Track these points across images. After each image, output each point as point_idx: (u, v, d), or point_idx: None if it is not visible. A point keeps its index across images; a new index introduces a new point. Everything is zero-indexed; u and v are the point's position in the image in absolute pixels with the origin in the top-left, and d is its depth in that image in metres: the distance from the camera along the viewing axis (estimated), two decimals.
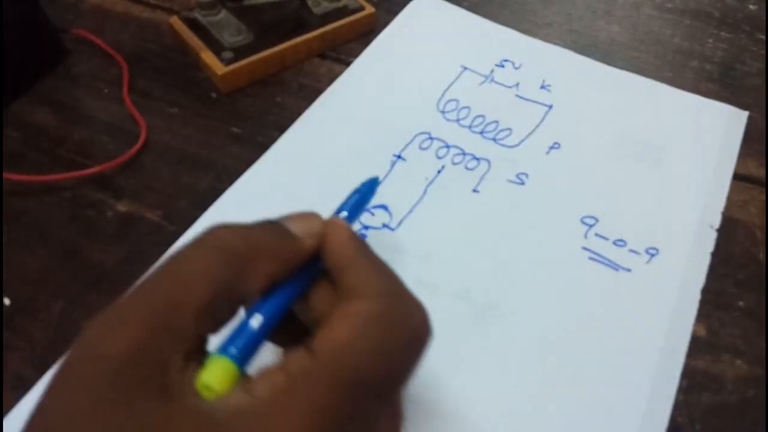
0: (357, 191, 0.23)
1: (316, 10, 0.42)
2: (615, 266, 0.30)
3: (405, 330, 0.17)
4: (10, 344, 0.28)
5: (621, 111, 0.38)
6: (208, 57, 0.39)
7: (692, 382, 0.27)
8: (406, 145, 0.36)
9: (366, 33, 0.43)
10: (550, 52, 0.41)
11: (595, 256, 0.31)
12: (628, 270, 0.30)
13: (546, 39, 0.42)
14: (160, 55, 0.41)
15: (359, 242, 0.19)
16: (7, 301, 0.29)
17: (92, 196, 0.33)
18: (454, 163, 0.35)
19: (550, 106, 0.38)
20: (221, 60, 0.38)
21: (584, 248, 0.31)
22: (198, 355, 0.16)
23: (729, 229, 0.32)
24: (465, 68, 0.40)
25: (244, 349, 0.16)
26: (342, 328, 0.16)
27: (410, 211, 0.32)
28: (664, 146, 0.36)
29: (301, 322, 0.19)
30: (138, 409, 0.14)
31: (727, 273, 0.31)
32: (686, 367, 0.27)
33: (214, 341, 0.17)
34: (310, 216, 0.19)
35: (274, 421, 0.14)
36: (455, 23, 0.43)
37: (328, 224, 0.19)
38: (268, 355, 0.18)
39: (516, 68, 0.40)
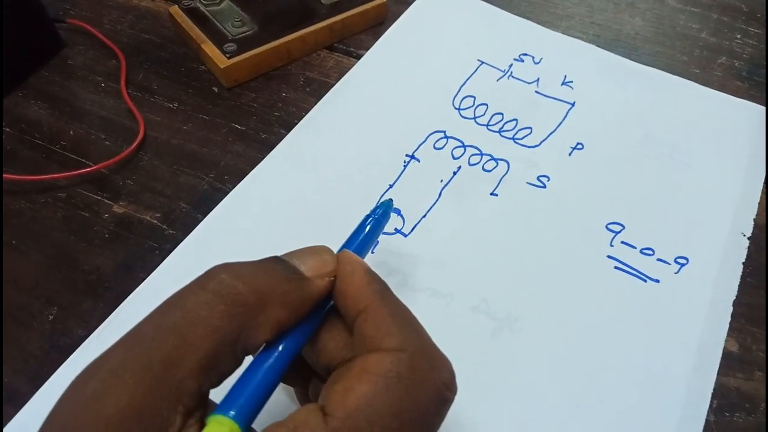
0: (370, 216, 0.21)
1: (325, 0, 0.40)
2: (643, 277, 0.28)
3: (429, 392, 0.15)
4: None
5: (647, 110, 0.36)
6: (209, 49, 0.37)
7: (723, 401, 0.25)
8: (420, 145, 0.34)
9: (376, 24, 0.41)
10: (572, 47, 0.39)
11: (622, 266, 0.29)
12: (657, 281, 0.28)
13: (567, 32, 0.40)
14: (160, 46, 0.39)
15: (378, 284, 0.17)
16: None
17: (87, 197, 0.32)
18: (470, 164, 0.33)
19: (573, 104, 0.36)
20: (224, 52, 0.36)
21: (609, 257, 0.29)
22: (199, 411, 0.14)
23: (761, 238, 0.30)
24: (482, 62, 0.38)
25: (247, 408, 0.14)
26: (360, 388, 0.14)
27: (424, 216, 0.31)
28: (693, 148, 0.34)
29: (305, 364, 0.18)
30: None
31: (759, 284, 0.29)
32: (717, 386, 0.26)
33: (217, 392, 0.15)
34: (321, 252, 0.17)
35: None
36: (471, 14, 0.41)
37: (341, 261, 0.17)
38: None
39: (536, 63, 0.38)
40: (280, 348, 0.16)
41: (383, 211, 0.22)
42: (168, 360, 0.14)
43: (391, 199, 0.23)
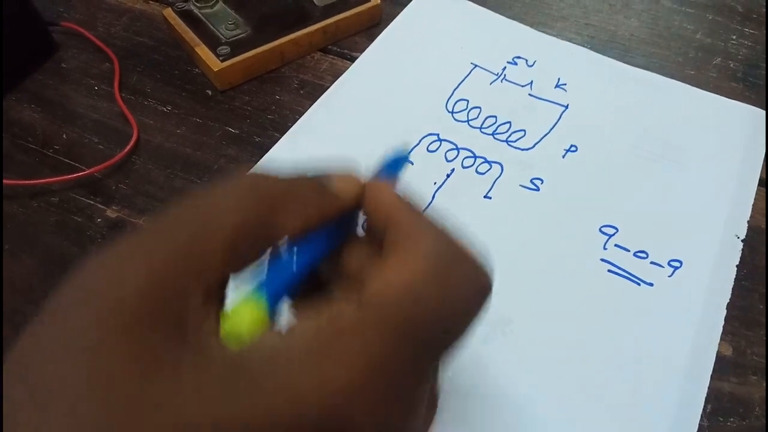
0: (384, 162, 0.21)
1: (318, 2, 0.40)
2: (636, 280, 0.28)
3: (469, 279, 0.15)
4: None
5: (641, 112, 0.35)
6: (203, 52, 0.37)
7: (717, 405, 0.25)
8: (414, 147, 0.34)
9: (371, 26, 0.41)
10: (566, 50, 0.39)
11: (615, 269, 0.29)
12: (650, 284, 0.28)
13: (561, 33, 0.40)
14: (154, 49, 0.39)
15: (408, 199, 0.17)
16: None
17: (81, 201, 0.32)
18: (464, 167, 0.33)
19: (566, 106, 0.36)
20: (217, 55, 0.36)
21: (603, 260, 0.29)
22: (218, 298, 0.14)
23: (755, 240, 0.30)
24: (475, 65, 0.38)
25: (276, 293, 0.14)
26: (400, 270, 0.14)
27: None
28: (687, 150, 0.34)
29: (320, 288, 0.17)
30: (147, 347, 0.12)
31: (753, 287, 0.29)
32: (711, 390, 0.26)
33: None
34: (350, 174, 0.17)
35: (315, 369, 0.12)
36: (465, 18, 0.41)
37: (369, 180, 0.17)
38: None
39: (529, 66, 0.38)
40: (307, 246, 0.15)
41: (401, 157, 0.21)
42: (196, 234, 0.14)
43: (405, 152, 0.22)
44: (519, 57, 0.38)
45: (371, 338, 0.13)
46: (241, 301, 0.14)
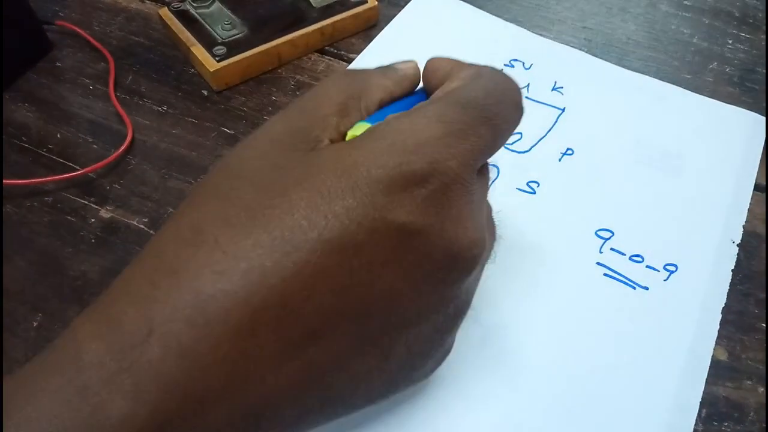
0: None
1: (316, 3, 0.39)
2: (632, 284, 0.28)
3: (506, 84, 0.20)
4: None
5: (637, 116, 0.35)
6: (199, 52, 0.36)
7: (712, 410, 0.25)
8: None
9: (368, 28, 0.41)
10: (562, 53, 0.39)
11: (611, 273, 0.29)
12: (646, 288, 0.28)
13: (558, 36, 0.40)
14: (149, 49, 0.39)
15: (457, 61, 0.22)
16: None
17: (74, 202, 0.31)
18: None
19: (563, 110, 0.36)
20: (213, 55, 0.36)
21: (599, 264, 0.29)
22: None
23: (751, 245, 0.30)
24: None
25: (378, 120, 0.19)
26: (454, 81, 0.20)
27: None
28: (683, 154, 0.34)
29: None
30: (294, 152, 0.17)
31: (749, 292, 0.29)
32: (706, 394, 0.26)
33: None
34: (407, 59, 0.23)
35: (408, 128, 0.17)
36: (462, 20, 0.41)
37: (426, 63, 0.23)
38: None
39: (526, 69, 0.38)
40: (385, 110, 0.20)
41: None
42: (315, 105, 0.19)
43: None
44: (516, 60, 0.38)
45: (440, 108, 0.18)
46: (355, 125, 0.19)
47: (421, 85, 0.23)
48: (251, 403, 0.15)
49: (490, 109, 0.19)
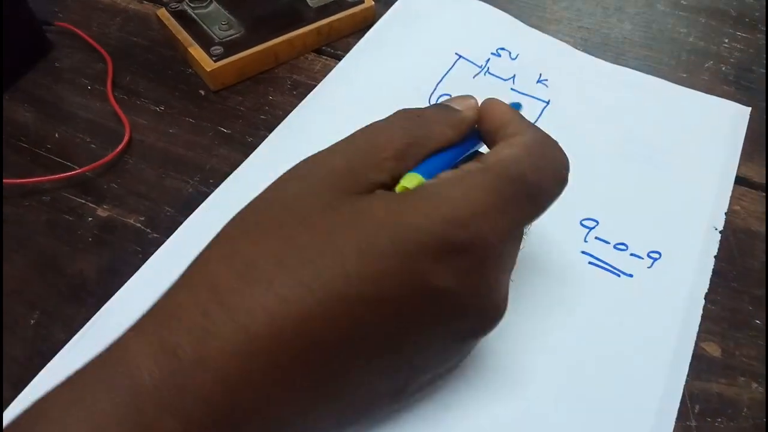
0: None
1: (312, 3, 0.40)
2: (616, 272, 0.29)
3: (555, 160, 0.21)
4: None
5: (621, 108, 0.36)
6: (196, 52, 0.37)
7: (706, 406, 0.25)
8: None
9: (364, 27, 0.41)
10: (547, 45, 0.39)
11: (596, 261, 0.29)
12: (630, 275, 0.29)
13: (555, 35, 0.40)
14: (147, 49, 0.39)
15: (514, 112, 0.22)
16: None
17: (72, 201, 0.32)
18: None
19: (547, 102, 0.36)
20: (210, 55, 0.36)
21: (584, 252, 0.29)
22: (392, 182, 0.20)
23: (746, 243, 0.30)
24: (459, 56, 0.38)
25: (431, 171, 0.20)
26: (507, 147, 0.20)
27: None
28: (666, 144, 0.34)
29: None
30: (348, 193, 0.18)
31: (742, 289, 0.29)
32: (700, 391, 0.26)
33: None
34: (467, 96, 0.23)
35: (451, 195, 0.18)
36: (452, 9, 0.41)
37: (483, 103, 0.23)
38: None
39: (512, 59, 0.38)
40: (444, 155, 0.21)
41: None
42: (373, 145, 0.20)
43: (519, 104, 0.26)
44: (503, 48, 0.39)
45: (490, 180, 0.19)
46: (406, 175, 0.20)
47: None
48: (277, 417, 0.17)
49: (538, 185, 0.20)
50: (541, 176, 0.20)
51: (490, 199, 0.18)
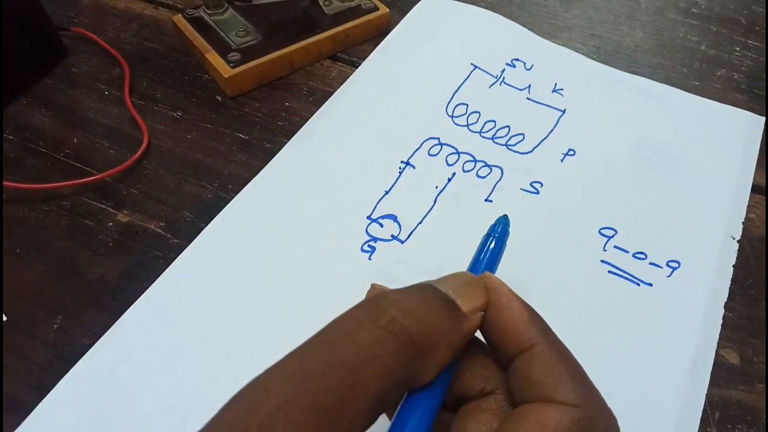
0: (491, 235, 0.20)
1: (328, 10, 0.40)
2: (636, 280, 0.29)
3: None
4: (4, 364, 0.26)
5: (636, 117, 0.36)
6: (213, 58, 0.37)
7: (725, 413, 0.26)
8: (415, 151, 0.34)
9: (379, 34, 0.41)
10: (562, 55, 0.40)
11: (615, 270, 0.29)
12: (650, 284, 0.29)
13: (567, 43, 0.41)
14: (164, 55, 0.40)
15: (541, 322, 0.16)
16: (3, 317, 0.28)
17: (92, 206, 0.32)
18: (464, 171, 0.33)
19: (563, 111, 0.36)
20: (227, 61, 0.36)
21: (603, 261, 0.30)
22: None
23: (761, 251, 0.31)
24: (475, 67, 0.39)
25: None
26: (548, 405, 0.14)
27: (420, 222, 0.31)
28: (684, 154, 0.34)
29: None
30: None
31: (760, 297, 0.29)
32: (719, 398, 0.26)
33: None
34: (471, 282, 0.17)
35: None
36: (466, 19, 0.42)
37: (492, 290, 0.16)
38: None
39: (527, 69, 0.38)
40: (437, 385, 0.15)
41: (502, 228, 0.21)
42: (340, 399, 0.13)
43: (506, 215, 0.21)
44: (517, 59, 0.39)
45: None
46: None
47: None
48: None
49: None
50: None
51: None
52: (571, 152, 0.34)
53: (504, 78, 0.38)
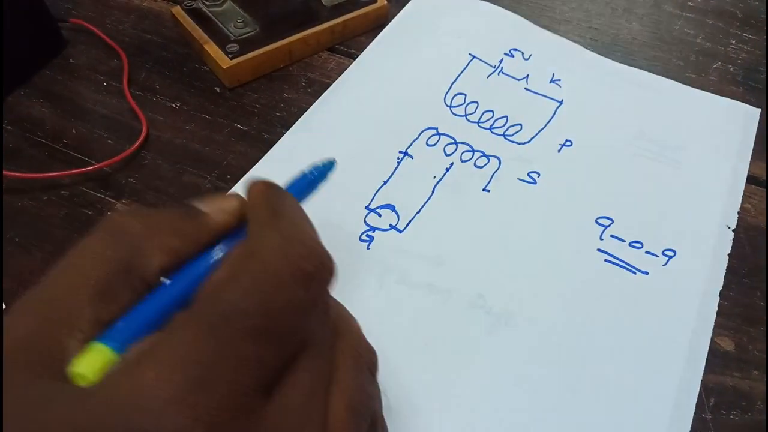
0: (308, 174, 0.21)
1: (326, 2, 0.40)
2: (632, 269, 0.29)
3: (285, 264, 0.15)
4: None
5: (633, 108, 0.36)
6: (212, 49, 0.37)
7: (720, 399, 0.26)
8: (413, 141, 0.34)
9: (378, 26, 0.41)
10: (559, 45, 0.40)
11: (612, 259, 0.29)
12: (646, 273, 0.29)
13: (565, 36, 0.41)
14: (162, 46, 0.40)
15: (275, 199, 0.17)
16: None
17: (91, 195, 0.32)
18: (462, 161, 0.33)
19: (561, 102, 0.37)
20: (226, 53, 0.37)
21: (600, 250, 0.30)
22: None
23: (757, 240, 0.31)
24: (473, 57, 0.39)
25: (126, 334, 0.14)
26: (221, 271, 0.15)
27: (418, 212, 0.31)
28: (679, 145, 0.34)
29: None
30: (22, 390, 0.13)
31: (755, 285, 0.29)
32: (715, 384, 0.26)
33: None
34: (229, 196, 0.17)
35: (136, 383, 0.12)
36: (464, 10, 0.42)
37: (250, 191, 0.17)
38: None
39: (525, 59, 0.39)
40: (178, 276, 0.15)
41: (322, 170, 0.22)
42: (65, 290, 0.14)
43: (333, 162, 0.22)
44: (515, 49, 0.39)
45: (191, 341, 0.13)
46: (90, 345, 0.14)
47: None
48: None
49: (261, 318, 0.14)
50: (262, 302, 0.14)
51: (196, 371, 0.13)
52: (568, 143, 0.34)
53: (502, 68, 0.38)
